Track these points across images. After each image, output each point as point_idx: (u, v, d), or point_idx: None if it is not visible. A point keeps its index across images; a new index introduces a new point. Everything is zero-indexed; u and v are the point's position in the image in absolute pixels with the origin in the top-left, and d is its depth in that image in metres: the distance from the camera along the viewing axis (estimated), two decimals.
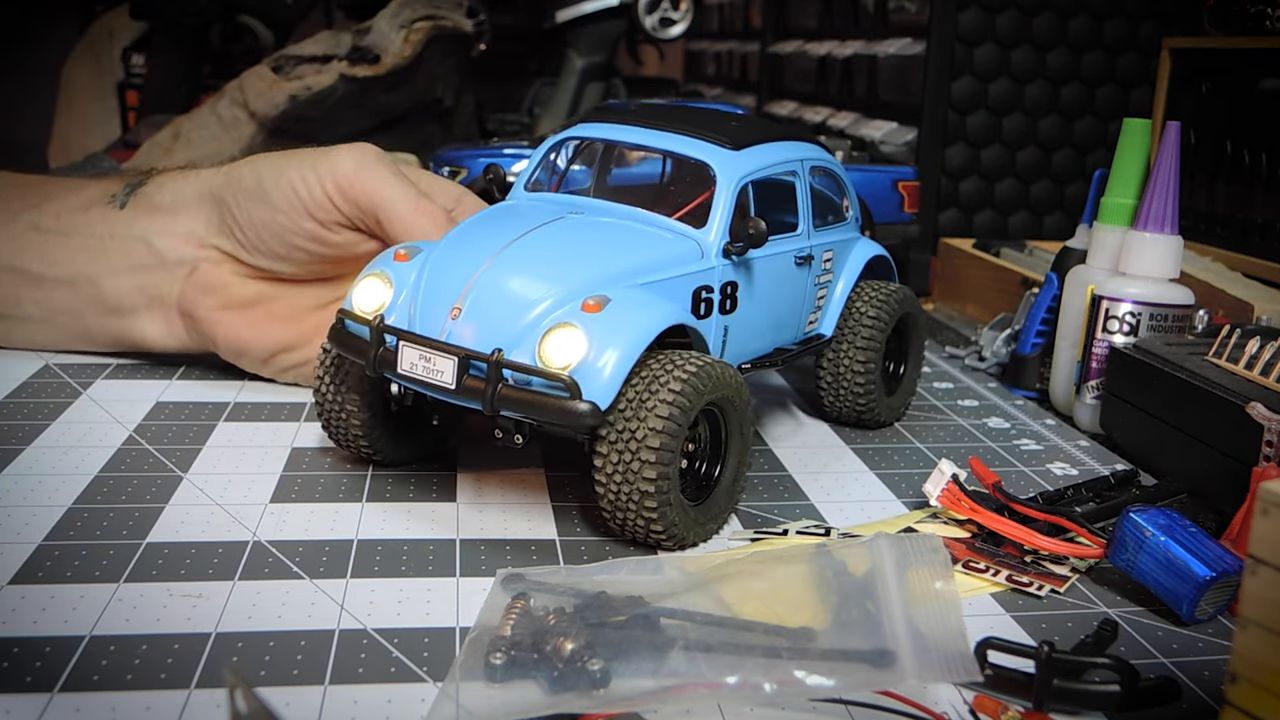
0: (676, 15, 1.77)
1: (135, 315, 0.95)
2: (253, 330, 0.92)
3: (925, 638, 0.50)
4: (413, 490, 0.74)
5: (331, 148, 0.90)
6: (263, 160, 0.91)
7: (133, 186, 0.97)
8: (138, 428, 0.83)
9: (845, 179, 0.89)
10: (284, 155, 0.91)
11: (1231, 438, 0.72)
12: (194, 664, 0.53)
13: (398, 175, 0.88)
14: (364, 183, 0.87)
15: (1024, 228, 1.45)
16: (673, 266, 0.70)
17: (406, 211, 0.86)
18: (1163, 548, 0.61)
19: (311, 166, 0.88)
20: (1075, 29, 1.40)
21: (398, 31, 1.48)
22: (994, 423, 0.93)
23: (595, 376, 0.62)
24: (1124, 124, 0.94)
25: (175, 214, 0.94)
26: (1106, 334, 0.89)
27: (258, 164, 0.91)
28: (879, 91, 1.54)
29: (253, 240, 0.90)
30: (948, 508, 0.71)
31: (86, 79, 1.92)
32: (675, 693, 0.49)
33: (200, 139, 1.45)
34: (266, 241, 0.90)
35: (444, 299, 0.67)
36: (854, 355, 0.86)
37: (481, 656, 0.51)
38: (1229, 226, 1.12)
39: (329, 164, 0.88)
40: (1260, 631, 0.42)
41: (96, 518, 0.68)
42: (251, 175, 0.90)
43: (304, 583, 0.61)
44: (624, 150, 0.89)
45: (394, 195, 0.86)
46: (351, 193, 0.87)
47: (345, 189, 0.87)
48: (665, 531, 0.64)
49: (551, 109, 1.77)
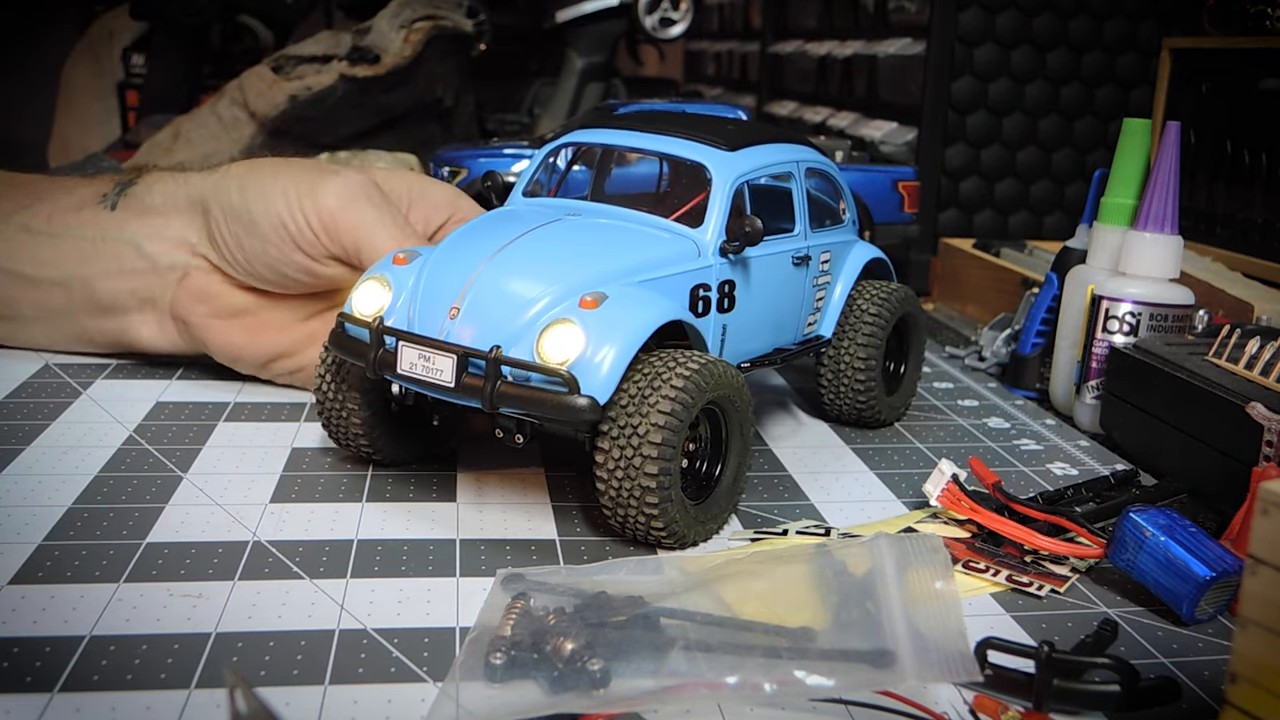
0: (676, 15, 1.77)
1: (128, 317, 0.95)
2: (247, 338, 0.92)
3: (925, 638, 0.50)
4: (413, 490, 0.74)
5: (320, 176, 0.88)
6: (251, 178, 0.89)
7: (123, 186, 0.97)
8: (138, 428, 0.83)
9: (842, 182, 0.89)
10: (273, 174, 0.89)
11: (1231, 438, 0.72)
12: (194, 664, 0.53)
13: (381, 212, 0.87)
14: (347, 220, 0.86)
15: (1024, 228, 1.45)
16: (670, 265, 0.70)
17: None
18: (1163, 548, 0.61)
19: (298, 199, 0.87)
20: (1075, 29, 1.40)
21: (398, 31, 1.48)
22: (994, 423, 0.93)
23: (593, 371, 0.62)
24: (1124, 124, 0.94)
25: (165, 217, 0.93)
26: (1106, 334, 0.89)
27: (245, 182, 0.89)
28: (879, 91, 1.54)
29: (244, 266, 0.89)
30: (948, 508, 0.71)
31: (86, 79, 1.92)
32: (675, 693, 0.49)
33: (200, 139, 1.45)
34: (259, 271, 0.89)
35: (442, 299, 0.67)
36: (854, 354, 0.86)
37: (481, 656, 0.51)
38: (1229, 226, 1.12)
39: (313, 199, 0.86)
40: (1260, 631, 0.42)
41: (96, 518, 0.68)
42: (239, 196, 0.88)
43: (304, 583, 0.61)
44: (620, 155, 0.89)
45: (376, 238, 0.85)
46: (335, 231, 0.86)
47: (329, 227, 0.86)
48: (666, 529, 0.64)
49: (551, 109, 1.77)
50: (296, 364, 0.93)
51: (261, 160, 0.94)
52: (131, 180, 0.97)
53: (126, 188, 0.96)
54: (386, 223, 0.86)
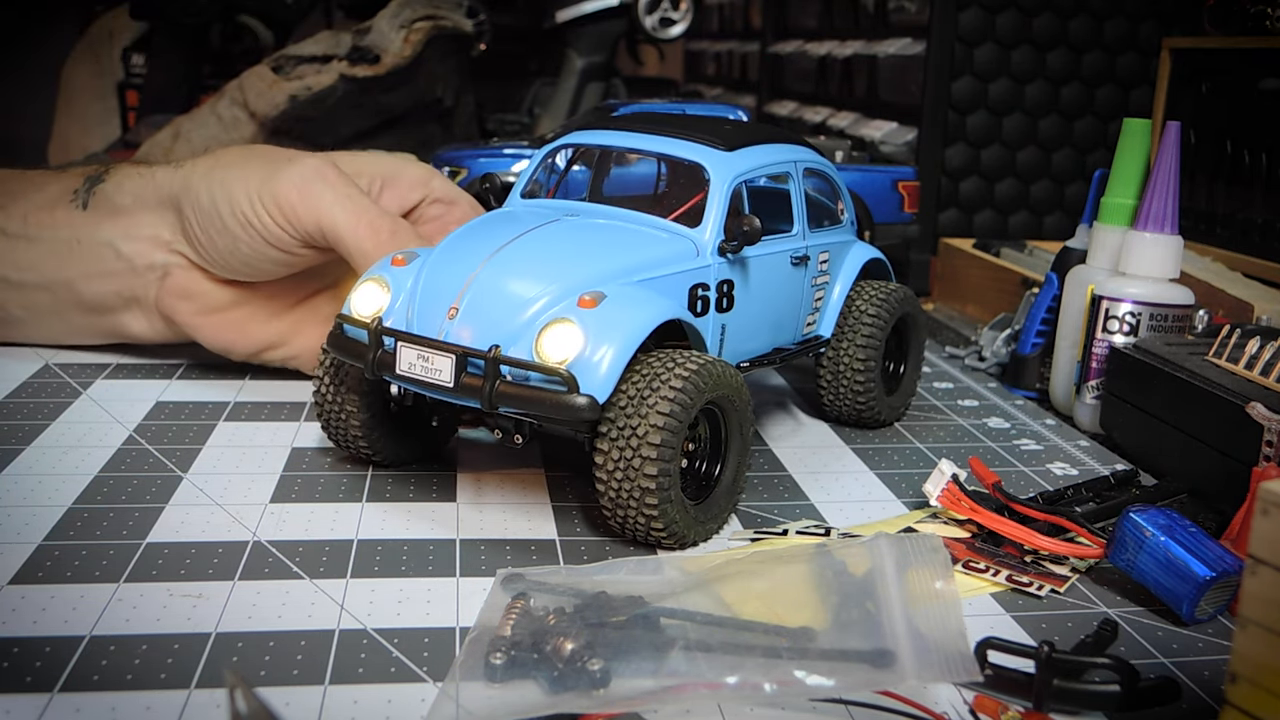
0: (676, 15, 1.77)
1: (116, 315, 0.96)
2: (235, 332, 0.92)
3: (925, 638, 0.50)
4: (413, 490, 0.74)
5: (279, 167, 0.87)
6: (216, 175, 0.88)
7: (92, 181, 0.96)
8: (138, 428, 0.83)
9: (840, 182, 0.89)
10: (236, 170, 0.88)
11: (1231, 438, 0.72)
12: (194, 664, 0.53)
13: (338, 191, 0.85)
14: (305, 205, 0.85)
15: (1024, 228, 1.45)
16: (668, 264, 0.70)
17: (348, 232, 0.84)
18: (1163, 548, 0.61)
19: (258, 193, 0.86)
20: (1075, 29, 1.40)
21: (398, 31, 1.48)
22: (994, 423, 0.93)
23: (592, 371, 0.62)
24: (1124, 124, 0.94)
25: (136, 216, 0.93)
26: (1106, 334, 0.89)
27: (210, 179, 0.88)
28: (879, 91, 1.54)
29: (220, 262, 0.89)
30: (948, 508, 0.71)
31: (86, 79, 1.92)
32: (675, 693, 0.49)
33: (200, 139, 1.45)
34: (236, 266, 0.89)
35: (441, 300, 0.67)
36: (854, 354, 0.86)
37: (481, 656, 0.51)
38: (1229, 226, 1.12)
39: (271, 191, 0.85)
40: (1260, 631, 0.42)
41: (96, 518, 0.68)
42: (206, 195, 0.88)
43: (304, 583, 0.61)
44: (619, 155, 0.89)
45: (336, 216, 0.84)
46: (297, 220, 0.85)
47: (290, 216, 0.85)
48: (666, 529, 0.64)
49: (551, 109, 1.77)
50: (289, 351, 0.93)
51: (224, 152, 0.92)
52: (100, 176, 0.96)
53: (95, 184, 0.95)
54: (343, 200, 0.85)
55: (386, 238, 0.84)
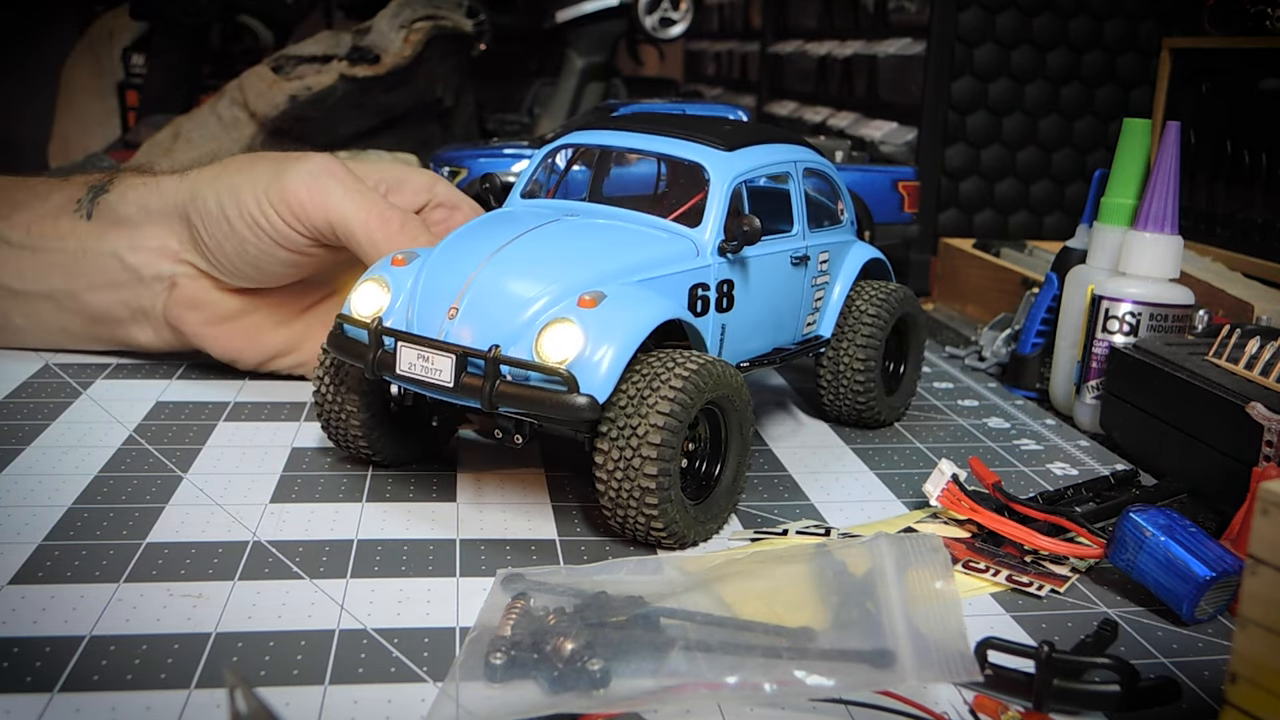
0: (676, 15, 1.77)
1: (122, 325, 0.95)
2: (244, 341, 0.92)
3: (925, 638, 0.50)
4: (413, 490, 0.74)
5: (286, 166, 0.87)
6: (222, 179, 0.88)
7: (95, 191, 0.95)
8: (138, 428, 0.83)
9: (839, 183, 0.89)
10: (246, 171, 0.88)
11: (1231, 438, 0.72)
12: (194, 664, 0.53)
13: (346, 185, 0.85)
14: (314, 201, 0.85)
15: (1024, 228, 1.45)
16: (668, 264, 0.70)
17: (358, 225, 0.84)
18: (1163, 548, 0.61)
19: (266, 194, 0.86)
20: (1075, 29, 1.40)
21: (398, 31, 1.48)
22: (994, 423, 0.93)
23: (592, 370, 0.62)
24: (1124, 124, 0.94)
25: (141, 227, 0.92)
26: (1106, 334, 0.89)
27: (218, 185, 0.88)
28: (879, 91, 1.54)
29: (230, 268, 0.89)
30: (948, 508, 0.71)
31: (86, 79, 1.92)
32: (675, 693, 0.49)
33: (200, 139, 1.45)
34: (245, 270, 0.89)
35: (441, 300, 0.67)
36: (854, 354, 0.86)
37: (481, 656, 0.51)
38: (1229, 226, 1.12)
39: (279, 189, 0.85)
40: (1260, 631, 0.42)
41: (96, 518, 0.68)
42: (214, 200, 0.88)
43: (304, 583, 0.61)
44: (619, 155, 0.89)
45: (346, 210, 0.84)
46: (306, 217, 0.85)
47: (299, 214, 0.85)
48: (666, 529, 0.64)
49: (551, 109, 1.77)
50: (298, 359, 0.93)
51: (230, 160, 0.92)
52: (103, 186, 0.95)
53: (99, 194, 0.95)
54: (352, 194, 0.85)
55: (397, 229, 0.84)
